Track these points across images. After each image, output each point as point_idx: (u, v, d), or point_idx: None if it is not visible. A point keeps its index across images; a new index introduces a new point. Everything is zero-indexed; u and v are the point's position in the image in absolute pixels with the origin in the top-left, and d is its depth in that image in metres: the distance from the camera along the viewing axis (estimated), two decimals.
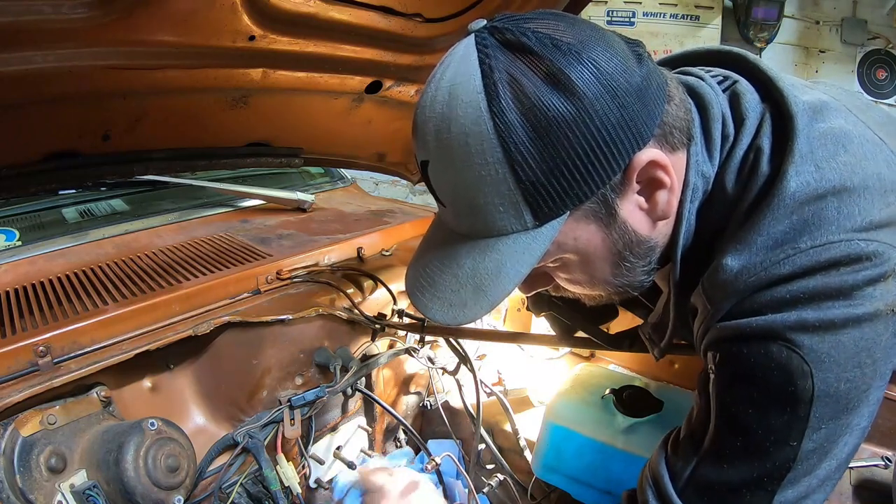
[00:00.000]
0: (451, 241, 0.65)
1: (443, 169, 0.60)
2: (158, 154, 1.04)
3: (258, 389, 1.09)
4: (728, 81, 0.70)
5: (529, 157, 0.56)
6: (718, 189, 0.66)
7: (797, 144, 0.60)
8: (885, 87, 4.23)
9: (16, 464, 0.79)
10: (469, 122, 0.56)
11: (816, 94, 0.67)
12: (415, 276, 0.68)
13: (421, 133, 0.61)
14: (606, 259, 0.66)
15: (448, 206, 0.63)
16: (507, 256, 0.61)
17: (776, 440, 0.60)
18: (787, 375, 0.58)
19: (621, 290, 0.72)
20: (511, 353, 1.50)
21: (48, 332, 0.92)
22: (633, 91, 0.57)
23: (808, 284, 0.57)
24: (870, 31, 4.26)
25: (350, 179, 2.05)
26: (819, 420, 0.58)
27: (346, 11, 0.94)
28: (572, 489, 1.13)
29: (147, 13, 0.76)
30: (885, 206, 0.59)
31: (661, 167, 0.60)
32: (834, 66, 4.31)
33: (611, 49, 0.57)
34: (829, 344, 0.57)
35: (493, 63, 0.56)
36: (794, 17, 4.31)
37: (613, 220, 0.63)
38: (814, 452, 0.60)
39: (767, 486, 0.61)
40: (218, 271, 1.18)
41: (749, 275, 0.60)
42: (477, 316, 0.64)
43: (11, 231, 1.32)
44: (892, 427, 0.94)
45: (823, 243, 0.57)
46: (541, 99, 0.54)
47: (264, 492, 1.00)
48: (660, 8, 4.26)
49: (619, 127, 0.56)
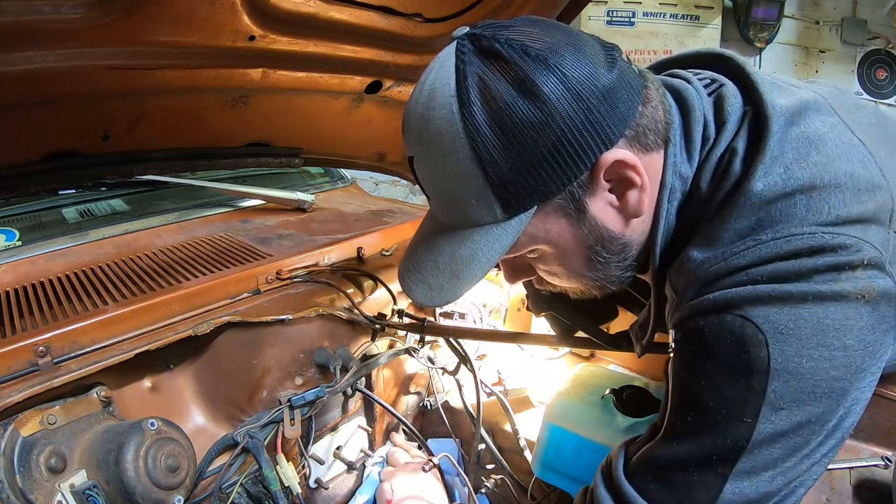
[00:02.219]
0: (436, 231, 0.70)
1: (425, 164, 0.66)
2: (158, 154, 1.04)
3: (258, 389, 1.09)
4: (715, 85, 0.71)
5: (497, 155, 0.59)
6: (695, 190, 0.67)
7: (769, 147, 0.62)
8: (885, 87, 4.24)
9: (16, 464, 0.79)
10: (444, 122, 0.60)
11: (801, 94, 0.68)
12: (405, 261, 0.74)
13: (407, 131, 0.66)
14: (579, 253, 0.69)
15: (432, 198, 0.69)
16: (480, 246, 0.65)
17: (728, 413, 0.59)
18: (741, 344, 0.58)
19: (598, 283, 0.74)
20: (511, 353, 1.50)
21: (48, 332, 0.92)
22: (600, 94, 0.59)
23: (765, 269, 0.58)
24: (870, 31, 4.26)
25: (350, 179, 2.05)
26: (778, 398, 0.57)
27: (346, 11, 0.95)
28: (572, 489, 1.13)
29: (147, 13, 0.76)
30: (857, 203, 0.59)
31: (630, 167, 0.63)
32: (834, 66, 4.31)
33: (580, 54, 0.60)
34: (787, 316, 0.57)
35: (468, 69, 0.60)
36: (794, 17, 4.31)
37: (583, 216, 0.65)
38: (775, 440, 0.58)
39: (717, 468, 0.60)
40: (218, 271, 1.18)
41: (710, 264, 0.61)
42: (451, 299, 0.70)
43: (11, 231, 1.32)
44: (892, 427, 0.94)
45: (785, 235, 0.59)
46: (508, 103, 0.58)
47: (264, 492, 1.00)
48: (660, 8, 4.26)
49: (583, 129, 0.59)
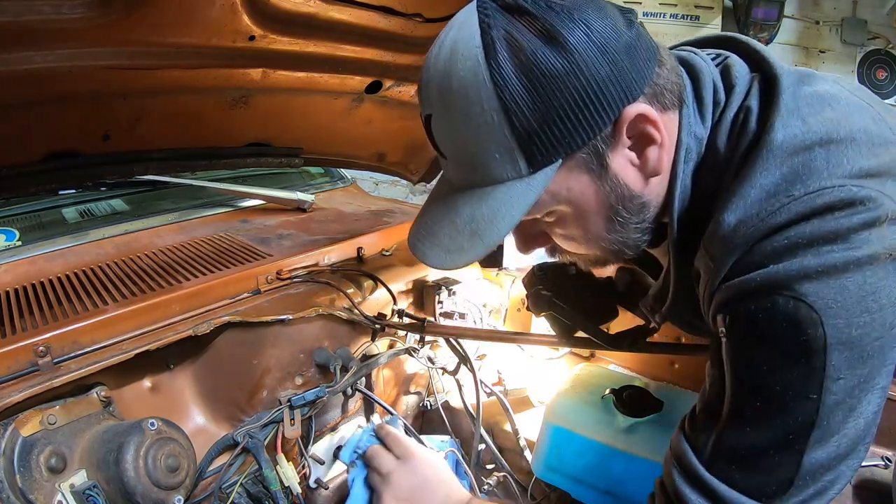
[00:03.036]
0: (451, 194, 0.69)
1: (444, 121, 0.64)
2: (158, 154, 1.04)
3: (258, 389, 1.09)
4: (720, 58, 0.73)
5: (524, 105, 0.59)
6: (711, 151, 0.67)
7: (783, 100, 0.62)
8: (885, 87, 4.23)
9: (16, 464, 0.79)
10: (468, 73, 0.60)
11: (807, 70, 0.69)
12: (416, 228, 0.72)
13: (425, 88, 0.65)
14: (599, 213, 0.69)
15: (449, 158, 0.67)
16: (503, 203, 0.64)
17: (795, 394, 0.59)
18: (797, 326, 0.57)
19: (616, 248, 0.73)
20: (511, 353, 1.50)
21: (48, 332, 0.92)
22: (623, 49, 0.60)
23: (804, 230, 0.58)
24: (870, 31, 4.26)
25: (350, 179, 2.05)
26: (836, 369, 0.58)
27: (346, 11, 0.95)
28: (572, 489, 1.13)
29: (147, 13, 0.76)
30: (873, 157, 0.60)
31: (651, 122, 0.63)
32: (834, 66, 4.30)
33: (601, 11, 0.61)
34: (833, 290, 0.57)
35: (492, 22, 0.59)
36: (794, 17, 4.31)
37: (605, 173, 0.65)
38: (837, 407, 0.59)
39: (794, 445, 0.61)
40: (218, 271, 1.17)
41: (747, 227, 0.60)
42: (472, 259, 0.68)
43: (11, 231, 1.32)
44: (892, 427, 0.94)
45: (817, 189, 0.58)
46: (535, 53, 0.58)
47: (264, 492, 1.00)
48: (660, 8, 4.26)
49: (608, 80, 0.60)
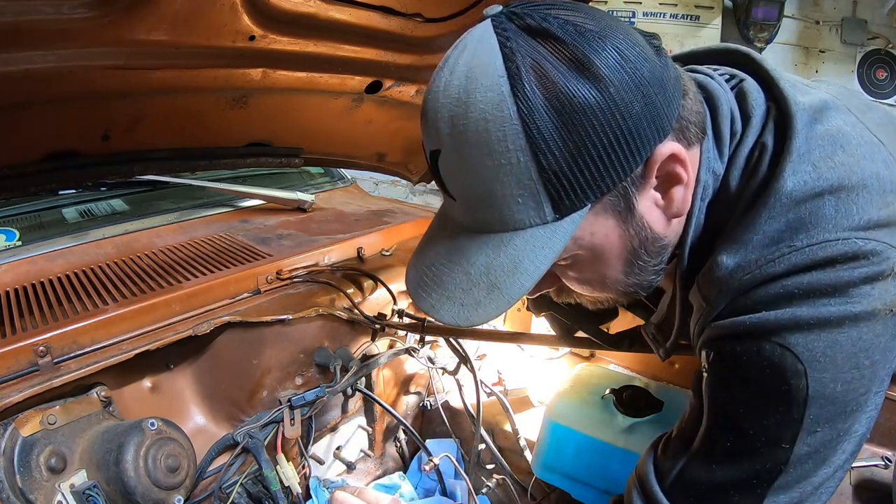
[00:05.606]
0: (459, 238, 0.61)
1: (456, 158, 0.56)
2: (158, 154, 1.04)
3: (258, 389, 1.09)
4: (735, 80, 0.69)
5: (553, 144, 0.53)
6: (724, 186, 0.64)
7: (795, 144, 0.59)
8: (885, 87, 4.23)
9: (16, 464, 0.79)
10: (490, 106, 0.53)
11: (818, 95, 0.67)
12: (418, 275, 0.64)
13: (432, 120, 0.57)
14: (620, 256, 0.64)
15: (459, 198, 0.59)
16: (525, 252, 0.57)
17: (768, 441, 0.59)
18: (781, 374, 0.57)
19: (631, 290, 0.69)
20: (511, 353, 1.50)
21: (48, 332, 0.92)
22: (655, 81, 0.55)
23: (802, 280, 0.56)
24: (870, 31, 4.25)
25: (350, 179, 2.05)
26: (814, 422, 0.57)
27: (346, 11, 0.94)
28: (572, 489, 1.13)
29: (147, 13, 0.76)
30: (884, 206, 0.58)
31: (680, 161, 0.59)
32: (834, 66, 4.30)
33: (631, 38, 0.55)
34: (824, 343, 0.56)
35: (514, 46, 0.53)
36: (794, 17, 4.30)
37: (632, 216, 0.60)
38: (809, 457, 0.59)
39: (756, 489, 0.60)
40: (218, 271, 1.18)
41: (744, 272, 0.59)
42: (492, 316, 0.60)
43: (11, 231, 1.32)
44: (892, 427, 0.94)
45: (820, 241, 0.56)
46: (566, 84, 0.52)
47: (264, 492, 1.00)
48: (660, 8, 4.26)
49: (642, 116, 0.54)
